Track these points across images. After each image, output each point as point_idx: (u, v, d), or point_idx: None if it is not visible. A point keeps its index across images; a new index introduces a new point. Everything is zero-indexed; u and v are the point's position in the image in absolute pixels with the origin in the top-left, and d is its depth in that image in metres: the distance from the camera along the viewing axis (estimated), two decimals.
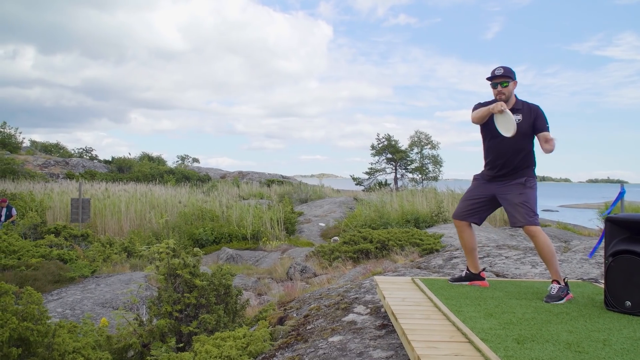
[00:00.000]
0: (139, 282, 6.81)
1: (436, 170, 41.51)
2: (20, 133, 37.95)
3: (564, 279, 3.43)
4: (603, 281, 3.28)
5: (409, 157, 41.25)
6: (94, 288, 7.05)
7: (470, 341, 2.43)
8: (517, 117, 3.47)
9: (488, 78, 3.57)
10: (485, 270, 3.99)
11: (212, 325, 3.78)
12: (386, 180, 39.17)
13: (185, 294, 3.88)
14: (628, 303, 2.98)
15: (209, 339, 3.33)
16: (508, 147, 3.51)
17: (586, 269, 4.89)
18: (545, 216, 20.23)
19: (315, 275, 8.27)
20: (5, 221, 12.55)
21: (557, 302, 3.25)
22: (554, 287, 3.35)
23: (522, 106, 3.56)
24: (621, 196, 4.22)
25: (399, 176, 40.48)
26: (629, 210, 14.98)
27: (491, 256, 5.57)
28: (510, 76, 3.51)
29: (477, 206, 3.71)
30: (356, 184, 40.24)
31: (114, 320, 4.00)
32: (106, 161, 39.06)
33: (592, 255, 4.99)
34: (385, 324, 3.26)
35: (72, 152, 43.72)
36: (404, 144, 41.36)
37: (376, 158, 40.94)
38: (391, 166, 40.91)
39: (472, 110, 3.67)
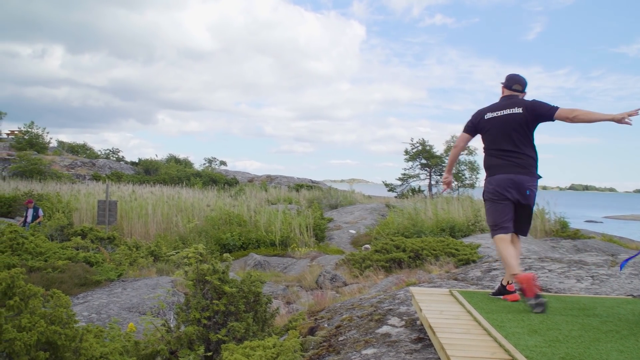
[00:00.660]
0: (166, 288, 6.71)
1: (473, 177, 40.41)
2: (47, 133, 37.11)
3: (508, 282, 3.51)
4: None
5: (444, 162, 40.32)
6: (120, 292, 6.98)
7: (514, 359, 2.30)
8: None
9: (506, 86, 3.67)
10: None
11: (240, 334, 3.69)
12: (420, 187, 38.43)
13: (214, 301, 3.81)
14: None
15: (238, 347, 3.24)
16: None
17: (636, 284, 4.56)
18: (588, 227, 19.34)
19: (346, 285, 8.10)
20: (32, 222, 12.67)
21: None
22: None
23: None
24: None
25: (433, 183, 39.64)
26: None
27: (533, 269, 5.30)
28: (524, 91, 3.72)
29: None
30: (388, 190, 39.49)
31: (141, 325, 3.96)
32: (133, 163, 38.26)
33: (622, 268, 4.72)
34: (422, 337, 3.10)
35: (99, 153, 42.75)
36: (439, 149, 40.48)
37: (410, 163, 40.02)
38: (425, 172, 40.08)
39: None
